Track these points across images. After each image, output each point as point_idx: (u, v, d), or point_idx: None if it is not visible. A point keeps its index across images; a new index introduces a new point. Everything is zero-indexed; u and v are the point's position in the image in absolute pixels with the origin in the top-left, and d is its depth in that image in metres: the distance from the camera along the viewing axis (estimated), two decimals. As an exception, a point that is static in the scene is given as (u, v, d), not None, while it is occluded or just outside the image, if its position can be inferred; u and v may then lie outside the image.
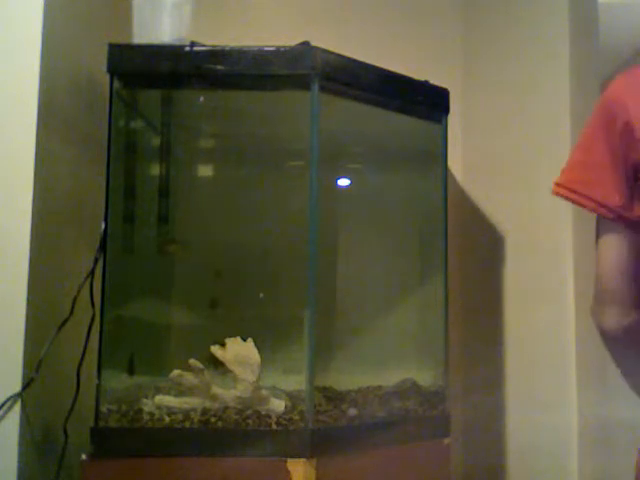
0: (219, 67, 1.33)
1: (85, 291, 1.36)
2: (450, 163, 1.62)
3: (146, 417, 1.31)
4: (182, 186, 1.76)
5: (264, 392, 1.34)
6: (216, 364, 1.33)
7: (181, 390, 1.32)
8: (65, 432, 1.37)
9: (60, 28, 1.42)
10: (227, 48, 1.34)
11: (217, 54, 1.34)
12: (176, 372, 1.31)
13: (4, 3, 1.33)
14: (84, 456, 1.28)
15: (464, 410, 1.74)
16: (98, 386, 1.30)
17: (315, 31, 1.37)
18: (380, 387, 1.57)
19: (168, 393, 1.34)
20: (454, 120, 1.63)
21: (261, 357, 1.33)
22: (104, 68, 1.35)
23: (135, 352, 1.54)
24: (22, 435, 1.28)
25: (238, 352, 1.32)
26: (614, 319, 1.15)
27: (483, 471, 1.76)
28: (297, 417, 1.31)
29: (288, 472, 1.25)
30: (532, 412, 1.64)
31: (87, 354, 1.36)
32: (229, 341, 1.33)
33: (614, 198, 1.10)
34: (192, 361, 1.30)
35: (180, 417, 1.30)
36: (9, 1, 1.33)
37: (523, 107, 1.74)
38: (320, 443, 1.29)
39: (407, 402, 1.51)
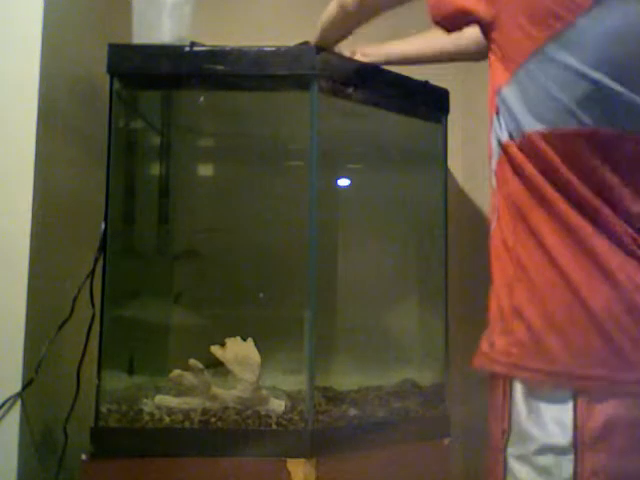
0: (219, 67, 1.33)
1: (85, 291, 1.36)
2: (450, 163, 1.62)
3: (146, 417, 1.31)
4: (182, 186, 1.76)
5: (264, 392, 1.34)
6: (216, 364, 1.33)
7: (181, 390, 1.32)
8: (65, 432, 1.37)
9: (60, 28, 1.42)
10: (227, 48, 1.34)
11: (217, 54, 1.34)
12: (176, 372, 1.31)
13: (4, 3, 1.33)
14: (84, 456, 1.27)
15: (464, 410, 1.74)
16: (98, 386, 1.31)
17: (315, 31, 1.37)
18: (380, 387, 1.57)
19: (168, 393, 1.34)
20: (454, 120, 1.63)
21: (261, 357, 1.33)
22: (104, 68, 1.35)
23: (135, 352, 1.54)
24: (22, 435, 1.28)
25: (238, 352, 1.32)
26: None
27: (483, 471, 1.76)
28: (297, 417, 1.31)
29: (288, 472, 1.24)
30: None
31: (87, 354, 1.36)
32: (229, 341, 1.33)
33: None
34: (192, 361, 1.30)
35: (180, 417, 1.30)
36: (9, 1, 1.34)
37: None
38: (320, 443, 1.29)
39: (407, 402, 1.51)
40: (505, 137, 0.89)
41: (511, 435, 0.85)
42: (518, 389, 0.85)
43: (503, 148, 0.89)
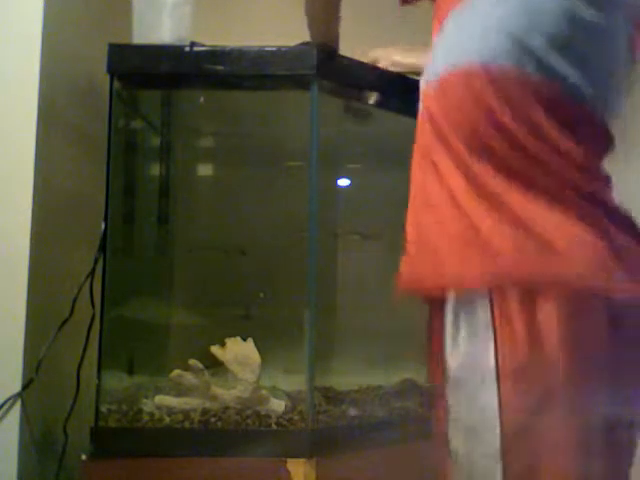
0: (219, 67, 1.33)
1: (85, 291, 1.36)
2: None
3: (146, 417, 1.31)
4: (182, 186, 1.76)
5: (264, 392, 1.34)
6: (216, 364, 1.33)
7: (181, 390, 1.32)
8: (65, 432, 1.37)
9: (60, 28, 1.42)
10: (227, 48, 1.34)
11: (217, 54, 1.34)
12: (176, 372, 1.31)
13: (4, 3, 1.33)
14: (84, 456, 1.27)
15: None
16: (98, 386, 1.30)
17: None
18: (380, 387, 1.57)
19: (168, 393, 1.34)
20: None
21: (261, 357, 1.33)
22: (104, 68, 1.35)
23: (135, 352, 1.54)
24: (22, 435, 1.28)
25: (238, 352, 1.32)
26: None
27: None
28: (297, 417, 1.31)
29: (288, 472, 1.24)
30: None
31: (87, 354, 1.36)
32: (229, 341, 1.33)
33: None
34: (192, 361, 1.30)
35: (180, 417, 1.30)
36: (9, 1, 1.34)
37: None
38: (320, 443, 1.29)
39: (407, 402, 1.51)
40: (424, 85, 0.94)
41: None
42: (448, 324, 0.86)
43: (422, 95, 0.94)
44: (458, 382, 0.84)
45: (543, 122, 0.84)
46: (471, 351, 0.83)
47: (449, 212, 0.86)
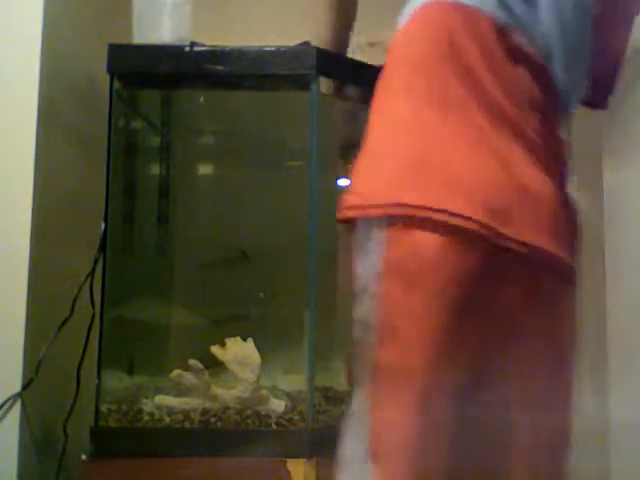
0: (219, 67, 1.33)
1: (85, 291, 1.36)
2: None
3: (146, 417, 1.31)
4: (182, 186, 1.76)
5: (264, 392, 1.34)
6: (216, 364, 1.33)
7: (181, 390, 1.32)
8: (65, 432, 1.37)
9: (60, 28, 1.42)
10: (227, 48, 1.34)
11: (217, 54, 1.34)
12: (176, 372, 1.31)
13: (4, 3, 1.33)
14: (84, 456, 1.27)
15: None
16: (98, 386, 1.30)
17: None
18: (380, 387, 1.57)
19: (168, 393, 1.34)
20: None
21: (261, 357, 1.33)
22: (104, 68, 1.35)
23: (135, 352, 1.54)
24: (22, 435, 1.28)
25: (238, 352, 1.32)
26: None
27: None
28: (297, 417, 1.31)
29: (288, 472, 1.24)
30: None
31: (87, 354, 1.36)
32: (229, 341, 1.33)
33: None
34: (192, 361, 1.30)
35: (180, 417, 1.30)
36: (9, 1, 1.34)
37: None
38: (320, 443, 1.29)
39: (407, 402, 1.50)
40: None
41: None
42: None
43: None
44: (358, 291, 0.90)
45: (500, 59, 0.86)
46: (366, 265, 0.88)
47: (380, 127, 0.93)
